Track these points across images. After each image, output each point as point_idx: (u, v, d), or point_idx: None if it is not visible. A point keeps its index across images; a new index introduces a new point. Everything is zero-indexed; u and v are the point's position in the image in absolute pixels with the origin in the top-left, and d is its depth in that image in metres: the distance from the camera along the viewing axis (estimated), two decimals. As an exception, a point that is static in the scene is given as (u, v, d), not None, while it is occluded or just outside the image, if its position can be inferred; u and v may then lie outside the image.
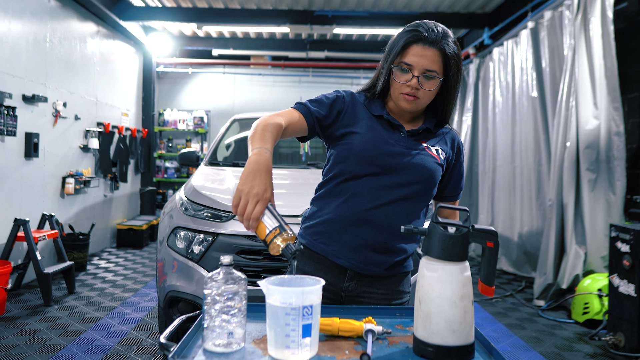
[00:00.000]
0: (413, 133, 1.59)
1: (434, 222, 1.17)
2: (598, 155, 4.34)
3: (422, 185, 1.57)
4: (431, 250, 1.16)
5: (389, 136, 1.58)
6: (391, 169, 1.55)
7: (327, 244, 1.60)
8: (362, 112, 1.62)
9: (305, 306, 1.11)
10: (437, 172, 1.58)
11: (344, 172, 1.58)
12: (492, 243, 1.17)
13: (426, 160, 1.56)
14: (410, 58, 1.48)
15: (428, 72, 1.47)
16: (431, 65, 1.47)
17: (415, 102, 1.52)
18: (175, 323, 1.34)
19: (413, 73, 1.47)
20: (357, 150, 1.56)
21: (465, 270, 1.14)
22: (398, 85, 1.51)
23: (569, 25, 4.63)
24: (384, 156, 1.55)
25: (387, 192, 1.55)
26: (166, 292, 2.90)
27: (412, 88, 1.49)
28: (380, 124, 1.60)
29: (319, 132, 1.63)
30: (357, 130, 1.58)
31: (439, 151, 1.61)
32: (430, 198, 1.64)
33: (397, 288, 1.67)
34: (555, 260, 4.60)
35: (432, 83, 1.49)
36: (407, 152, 1.57)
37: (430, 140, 1.62)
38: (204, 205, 2.98)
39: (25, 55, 4.94)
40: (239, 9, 7.27)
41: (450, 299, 1.12)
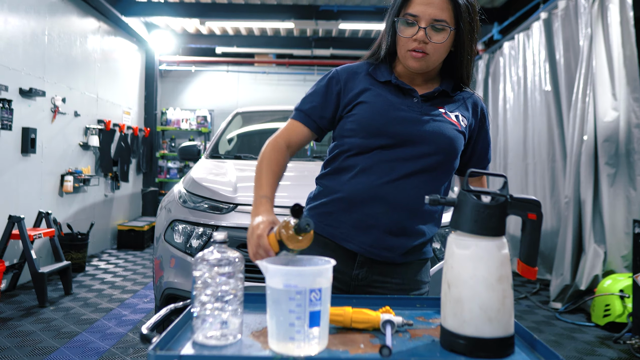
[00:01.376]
0: (428, 97, 1.41)
1: (465, 191, 0.98)
2: (617, 148, 4.14)
3: (441, 156, 1.38)
4: (462, 224, 0.97)
5: (400, 102, 1.39)
6: (404, 139, 1.36)
7: (334, 226, 1.42)
8: (365, 81, 1.44)
9: (313, 289, 0.93)
10: (457, 141, 1.39)
11: (352, 146, 1.41)
12: (535, 215, 0.98)
13: (444, 128, 1.38)
14: (415, 8, 1.30)
15: (436, 23, 1.30)
16: (439, 14, 1.29)
17: (424, 59, 1.33)
18: (162, 312, 1.16)
19: (419, 25, 1.30)
20: (365, 121, 1.38)
21: (502, 247, 0.96)
22: (404, 41, 1.34)
23: (585, 13, 4.44)
24: (394, 124, 1.36)
25: (400, 165, 1.36)
26: (163, 290, 2.73)
27: (420, 42, 1.31)
28: (389, 90, 1.42)
29: (328, 126, 1.48)
30: (363, 100, 1.41)
31: (459, 117, 1.42)
32: (452, 172, 1.45)
33: (414, 277, 1.47)
34: (572, 260, 4.39)
35: (442, 35, 1.31)
36: (422, 118, 1.38)
37: (449, 106, 1.43)
38: (204, 197, 2.81)
39: (22, 48, 4.79)
40: (243, 4, 7.12)
41: (487, 281, 0.93)
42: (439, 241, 2.68)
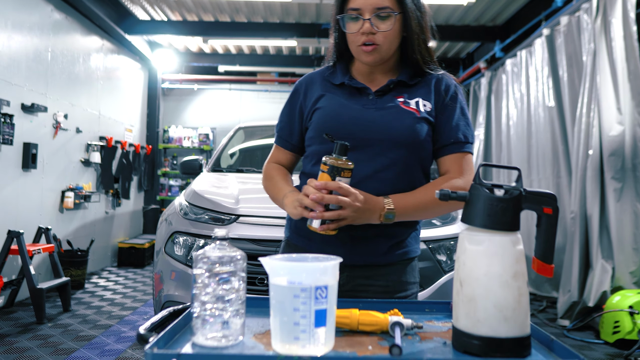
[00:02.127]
0: (383, 91, 1.37)
1: (477, 184, 0.94)
2: (623, 163, 4.10)
3: (403, 148, 1.33)
4: (474, 218, 0.93)
5: (355, 102, 1.37)
6: (361, 139, 1.33)
7: (308, 238, 1.39)
8: (322, 87, 1.43)
9: (319, 287, 0.88)
10: (418, 129, 1.34)
11: (313, 154, 1.40)
12: (551, 209, 0.94)
13: (401, 119, 1.34)
14: (356, 1, 1.29)
15: (380, 11, 1.28)
16: (381, 2, 1.28)
17: (376, 50, 1.31)
18: (160, 314, 1.11)
19: (363, 17, 1.29)
20: (319, 127, 1.37)
21: (517, 243, 0.91)
22: (352, 37, 1.32)
23: (588, 29, 4.44)
24: (348, 125, 1.34)
25: (365, 165, 1.32)
26: (163, 303, 2.67)
27: (368, 34, 1.28)
28: (344, 92, 1.40)
29: (301, 142, 1.49)
30: (318, 106, 1.40)
31: (419, 103, 1.36)
32: (424, 160, 1.38)
33: (399, 278, 1.40)
34: (580, 276, 4.31)
35: (388, 22, 1.29)
36: (377, 114, 1.34)
37: (408, 94, 1.38)
38: (205, 209, 2.77)
39: (25, 64, 4.80)
40: (246, 23, 7.16)
41: (501, 278, 0.88)
42: (444, 253, 2.62)
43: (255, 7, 6.71)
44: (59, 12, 5.44)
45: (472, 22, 7.10)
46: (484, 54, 7.69)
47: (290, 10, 6.80)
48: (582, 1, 4.59)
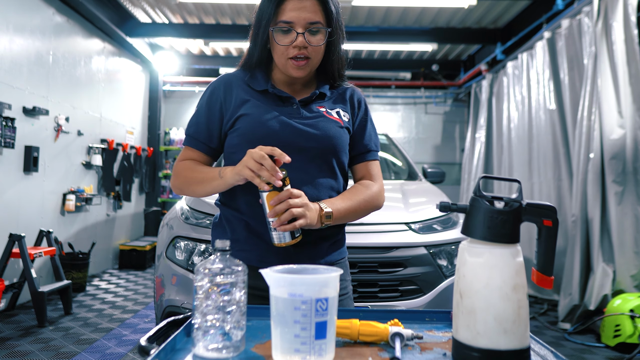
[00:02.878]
0: (306, 102, 1.41)
1: (477, 196, 0.94)
2: (625, 166, 4.10)
3: (330, 155, 1.39)
4: (474, 230, 0.93)
5: (280, 110, 1.38)
6: (291, 146, 1.33)
7: (247, 250, 1.39)
8: (243, 92, 1.41)
9: (320, 299, 0.89)
10: (342, 137, 1.41)
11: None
12: (551, 221, 0.94)
13: (328, 127, 1.39)
14: (288, 14, 1.30)
15: (312, 26, 1.31)
16: (313, 17, 1.31)
17: (307, 64, 1.34)
18: (161, 324, 1.11)
19: (296, 30, 1.30)
20: (248, 134, 1.35)
21: (517, 255, 0.91)
22: (282, 49, 1.33)
23: (589, 32, 4.44)
24: (278, 133, 1.34)
25: (300, 173, 1.34)
26: (164, 308, 2.67)
27: (300, 48, 1.31)
28: (267, 99, 1.40)
29: (219, 145, 1.45)
30: (243, 112, 1.38)
31: (341, 113, 1.44)
32: (345, 166, 1.45)
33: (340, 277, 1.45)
34: (581, 280, 4.31)
35: (319, 37, 1.33)
36: (305, 122, 1.37)
37: (328, 104, 1.44)
38: (207, 213, 2.77)
39: (27, 67, 4.81)
40: (247, 25, 7.15)
41: (501, 290, 0.89)
42: (445, 258, 2.63)
43: (257, 9, 6.71)
44: (61, 15, 5.45)
45: (474, 24, 7.10)
46: (485, 56, 7.70)
47: (292, 12, 6.80)
48: (583, 4, 4.60)
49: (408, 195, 3.16)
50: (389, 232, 2.58)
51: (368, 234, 2.54)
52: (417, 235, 2.61)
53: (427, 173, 4.09)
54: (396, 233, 2.58)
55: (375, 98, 9.01)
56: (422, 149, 9.01)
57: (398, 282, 2.49)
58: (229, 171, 1.29)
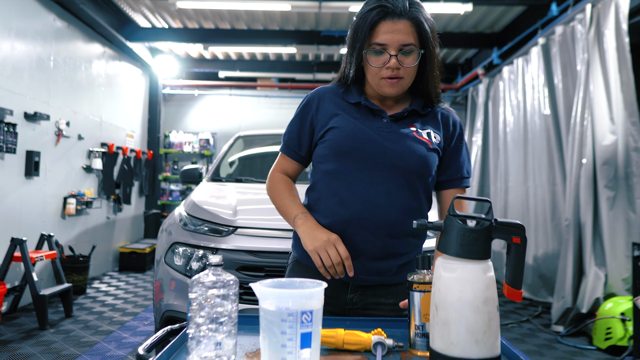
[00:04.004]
0: (397, 117, 1.43)
1: (451, 215, 1.01)
2: (616, 171, 4.17)
3: (414, 175, 1.39)
4: (448, 248, 1.00)
5: (370, 124, 1.42)
6: (377, 162, 1.38)
7: None
8: (337, 104, 1.46)
9: (305, 311, 0.95)
10: (430, 159, 1.40)
11: (327, 172, 1.43)
12: (519, 239, 1.01)
13: (415, 147, 1.39)
14: (382, 37, 1.33)
15: (405, 47, 1.33)
16: (407, 39, 1.33)
17: (399, 83, 1.37)
18: (158, 334, 1.19)
19: (389, 52, 1.33)
20: (336, 146, 1.41)
21: (488, 270, 0.98)
22: (376, 70, 1.36)
23: (582, 39, 4.51)
24: (365, 147, 1.39)
25: (376, 188, 1.38)
26: (163, 312, 2.74)
27: (393, 69, 1.34)
28: (359, 112, 1.44)
29: (308, 154, 1.53)
30: (333, 125, 1.43)
31: (431, 134, 1.43)
32: (429, 189, 1.45)
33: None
34: (573, 283, 4.38)
35: (412, 58, 1.35)
36: (392, 138, 1.40)
37: (420, 124, 1.45)
38: (204, 220, 2.84)
39: (28, 73, 4.88)
40: (246, 30, 7.24)
41: (472, 304, 0.96)
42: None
43: (255, 15, 6.79)
44: (61, 20, 5.52)
45: (470, 29, 7.17)
46: (482, 60, 7.76)
47: (290, 18, 6.88)
48: (576, 12, 4.67)
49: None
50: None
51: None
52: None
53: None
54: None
55: (373, 101, 9.07)
56: (420, 152, 9.06)
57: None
58: (301, 230, 1.39)
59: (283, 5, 5.83)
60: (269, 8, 6.07)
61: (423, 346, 1.09)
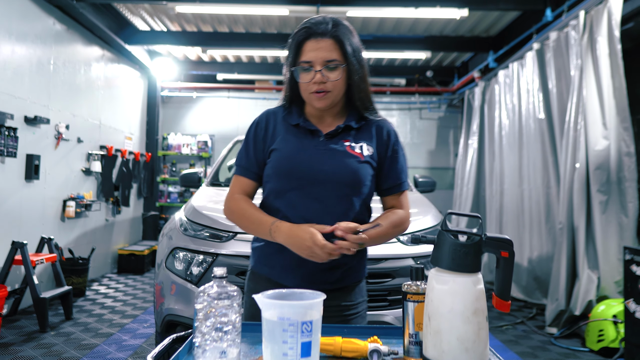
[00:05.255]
0: (332, 135, 1.56)
1: (443, 230, 1.07)
2: (609, 176, 4.24)
3: (349, 188, 1.52)
4: (441, 261, 1.06)
5: (307, 144, 1.54)
6: (313, 178, 1.50)
7: (270, 266, 1.57)
8: (280, 126, 1.59)
9: (305, 322, 1.02)
10: (361, 171, 1.52)
11: (271, 191, 1.57)
12: (507, 253, 1.07)
13: (347, 162, 1.52)
14: (307, 55, 1.46)
15: (329, 63, 1.46)
16: (329, 55, 1.46)
17: (327, 96, 1.49)
18: (164, 342, 1.24)
19: (315, 69, 1.46)
20: (276, 167, 1.54)
21: (478, 283, 1.05)
22: (305, 86, 1.50)
23: (576, 45, 4.58)
24: (301, 167, 1.51)
25: (315, 203, 1.50)
26: (164, 316, 2.79)
27: (319, 84, 1.46)
28: (298, 133, 1.57)
29: None
30: (275, 147, 1.56)
31: (364, 147, 1.55)
32: (366, 197, 1.57)
33: (349, 299, 1.60)
34: (567, 285, 4.45)
35: (337, 72, 1.47)
36: (327, 156, 1.52)
37: (355, 138, 1.57)
38: (204, 225, 2.89)
39: (29, 77, 4.93)
40: (244, 33, 7.29)
41: (463, 314, 1.02)
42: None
43: (254, 19, 6.84)
44: (61, 24, 5.57)
45: (467, 32, 7.24)
46: (478, 63, 7.83)
47: (288, 21, 6.93)
48: (570, 18, 4.74)
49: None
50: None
51: (358, 246, 2.67)
52: (405, 247, 2.73)
53: (418, 183, 4.21)
54: (385, 245, 2.71)
55: (370, 103, 9.13)
56: (417, 154, 9.14)
57: (387, 292, 2.62)
58: (282, 238, 1.44)
59: (281, 10, 5.88)
60: (267, 13, 6.12)
61: (416, 354, 1.14)
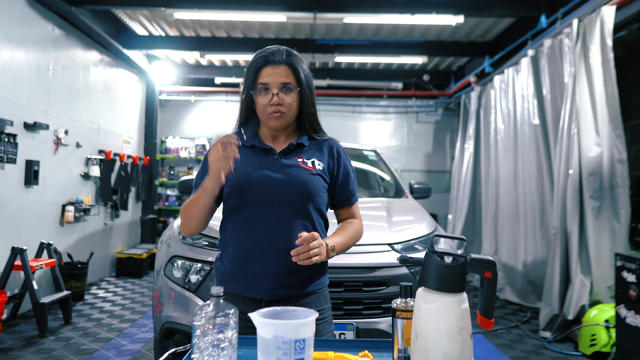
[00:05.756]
0: (285, 152, 1.68)
1: (430, 252, 1.13)
2: (601, 182, 4.30)
3: (303, 198, 1.62)
4: (427, 281, 1.11)
5: (263, 162, 1.65)
6: (270, 192, 1.61)
7: (234, 282, 1.64)
8: (239, 148, 1.66)
9: (298, 340, 1.07)
10: (313, 183, 1.64)
11: (230, 209, 1.66)
12: (491, 273, 1.12)
13: (300, 175, 1.63)
14: (265, 78, 1.59)
15: (285, 86, 1.60)
16: (285, 79, 1.60)
17: (282, 117, 1.62)
18: (163, 357, 1.29)
19: (272, 91, 1.59)
20: (234, 185, 1.63)
21: (463, 302, 1.10)
22: (262, 107, 1.61)
23: (569, 53, 4.64)
24: (257, 183, 1.62)
25: (272, 216, 1.60)
26: (162, 323, 2.84)
27: (276, 105, 1.59)
28: (254, 153, 1.68)
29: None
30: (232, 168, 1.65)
31: (315, 162, 1.68)
32: (320, 209, 1.68)
33: (314, 306, 1.66)
34: (560, 290, 4.51)
35: (291, 95, 1.61)
36: (281, 171, 1.63)
37: (306, 154, 1.69)
38: (202, 234, 2.94)
39: (28, 83, 4.97)
40: (242, 38, 7.35)
41: (448, 332, 1.07)
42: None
43: (251, 24, 6.90)
44: (60, 29, 5.61)
45: (463, 37, 7.30)
46: (475, 67, 7.90)
47: (285, 27, 6.99)
48: (564, 25, 4.80)
49: (392, 213, 3.34)
50: (372, 253, 2.76)
51: (353, 255, 2.71)
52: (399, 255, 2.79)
53: (413, 189, 4.26)
54: (379, 254, 2.76)
55: (367, 107, 9.20)
56: (414, 157, 9.21)
57: (381, 300, 2.66)
58: (207, 181, 1.53)
59: (279, 17, 5.94)
60: (265, 19, 6.17)
61: None
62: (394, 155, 9.12)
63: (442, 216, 8.88)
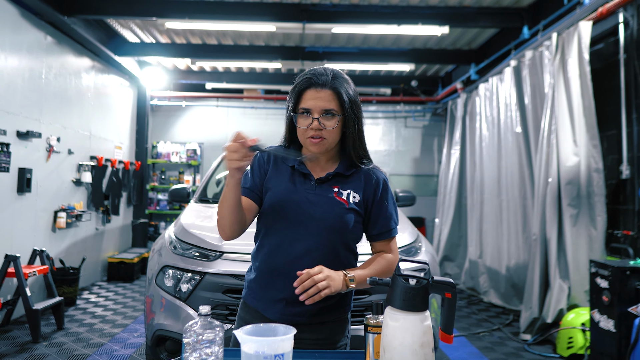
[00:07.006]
0: (323, 180, 1.65)
1: (397, 275, 1.25)
2: (579, 191, 4.46)
3: (331, 232, 1.61)
4: (394, 301, 1.24)
5: (299, 186, 1.65)
6: (299, 220, 1.61)
7: (257, 299, 1.68)
8: (278, 166, 1.71)
9: (277, 355, 1.19)
10: (345, 218, 1.62)
11: (262, 227, 1.69)
12: (451, 294, 1.25)
13: (333, 208, 1.62)
14: (307, 102, 1.58)
15: (326, 112, 1.57)
16: (327, 105, 1.57)
17: (322, 142, 1.59)
18: (156, 369, 1.41)
19: (313, 116, 1.57)
20: (268, 205, 1.65)
21: (425, 320, 1.22)
22: (302, 130, 1.60)
23: (549, 64, 4.80)
24: (290, 208, 1.62)
25: (299, 243, 1.61)
26: (154, 331, 2.95)
27: (316, 130, 1.57)
28: (293, 174, 1.68)
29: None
30: (270, 186, 1.68)
31: (350, 195, 1.65)
32: (350, 242, 1.67)
33: (326, 335, 1.67)
34: (540, 294, 4.67)
35: (333, 121, 1.58)
36: (314, 200, 1.62)
37: (343, 185, 1.66)
38: (192, 245, 3.05)
39: (21, 92, 5.05)
40: (232, 45, 7.45)
41: (411, 347, 1.20)
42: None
43: (242, 32, 7.00)
44: (52, 37, 5.69)
45: (449, 45, 7.46)
46: (461, 74, 8.06)
47: (275, 35, 7.10)
48: (544, 38, 4.96)
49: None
50: (356, 263, 2.89)
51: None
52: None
53: (398, 197, 4.39)
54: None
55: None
56: (402, 161, 9.36)
57: (363, 308, 2.79)
58: (228, 176, 1.52)
59: (268, 27, 6.05)
60: (254, 29, 6.29)
61: None
62: (383, 159, 9.26)
63: (429, 220, 9.04)
